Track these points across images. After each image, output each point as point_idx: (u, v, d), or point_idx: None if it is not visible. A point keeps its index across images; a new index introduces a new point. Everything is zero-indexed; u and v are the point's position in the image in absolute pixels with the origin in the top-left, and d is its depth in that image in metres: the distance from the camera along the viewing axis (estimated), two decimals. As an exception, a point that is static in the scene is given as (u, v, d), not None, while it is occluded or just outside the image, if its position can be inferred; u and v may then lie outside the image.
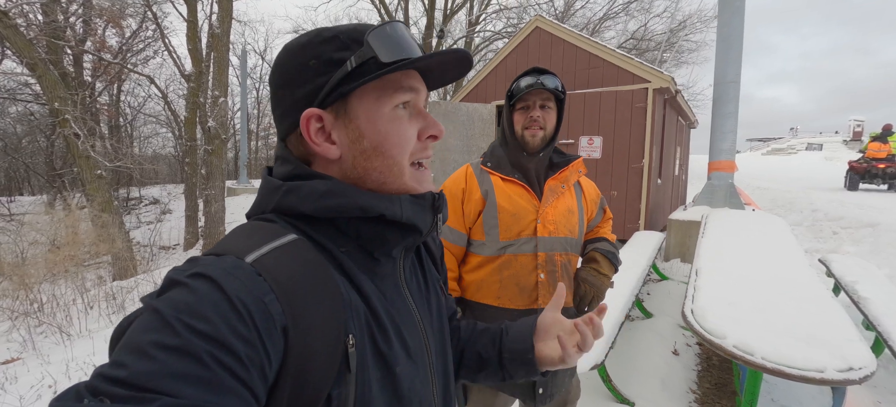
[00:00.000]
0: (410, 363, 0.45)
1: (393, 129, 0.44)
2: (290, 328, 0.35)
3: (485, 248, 1.08)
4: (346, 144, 0.44)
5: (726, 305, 1.70)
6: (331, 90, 0.42)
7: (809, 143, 31.95)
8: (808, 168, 19.05)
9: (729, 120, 4.75)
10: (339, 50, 0.42)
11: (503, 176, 1.09)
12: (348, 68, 0.42)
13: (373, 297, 0.43)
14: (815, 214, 6.61)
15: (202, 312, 0.31)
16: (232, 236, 0.39)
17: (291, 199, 0.42)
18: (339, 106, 0.43)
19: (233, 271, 0.34)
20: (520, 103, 1.08)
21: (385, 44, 0.42)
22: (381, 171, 0.45)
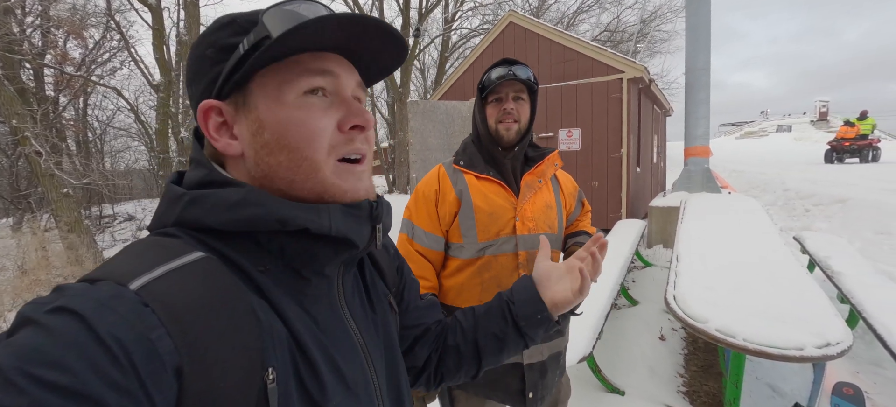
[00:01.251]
0: (349, 396, 0.40)
1: (297, 117, 0.38)
2: (185, 369, 0.29)
3: (463, 250, 1.03)
4: (247, 138, 0.39)
5: (707, 289, 1.72)
6: (226, 78, 0.38)
7: (780, 125, 33.28)
8: (780, 149, 19.78)
9: (701, 106, 4.86)
10: (234, 34, 0.38)
11: (477, 174, 1.04)
12: (241, 51, 0.37)
13: (298, 324, 0.37)
14: (787, 193, 6.84)
15: (58, 359, 0.24)
16: (119, 256, 0.33)
17: (195, 210, 0.36)
18: (237, 96, 0.39)
19: (108, 302, 0.28)
20: (492, 96, 1.04)
21: (284, 21, 0.36)
22: (287, 167, 0.38)
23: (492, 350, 0.59)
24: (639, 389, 2.12)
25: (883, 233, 4.55)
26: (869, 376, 2.21)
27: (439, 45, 15.22)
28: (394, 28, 0.40)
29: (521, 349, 0.60)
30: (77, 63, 12.39)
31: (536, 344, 0.61)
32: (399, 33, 0.41)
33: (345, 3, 13.56)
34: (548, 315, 0.57)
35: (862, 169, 9.53)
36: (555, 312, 0.57)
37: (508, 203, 1.03)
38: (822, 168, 10.37)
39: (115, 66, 13.55)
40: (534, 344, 0.60)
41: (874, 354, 2.36)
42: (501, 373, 1.02)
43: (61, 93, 12.60)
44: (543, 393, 1.07)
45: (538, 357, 1.04)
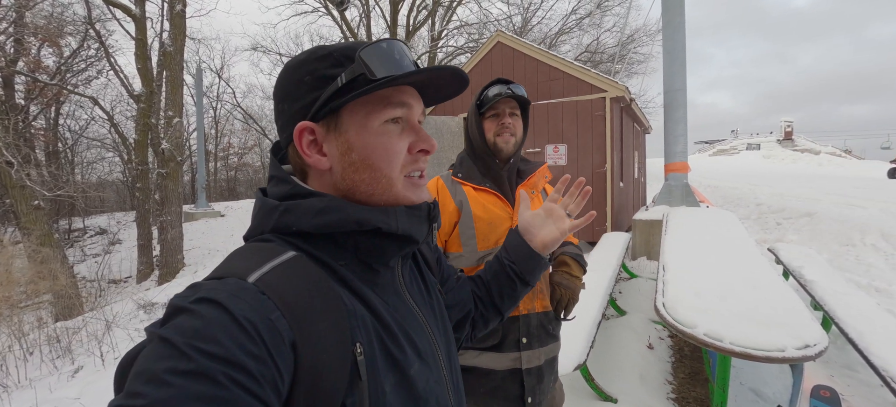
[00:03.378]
0: (423, 365, 0.47)
1: (380, 142, 0.46)
2: (298, 343, 0.35)
3: (462, 259, 1.06)
4: (336, 156, 0.46)
5: (694, 296, 1.80)
6: (322, 105, 0.44)
7: (749, 144, 34.91)
8: (750, 166, 20.77)
9: (679, 125, 5.10)
10: (331, 66, 0.45)
11: (475, 185, 1.09)
12: (339, 84, 0.44)
13: (377, 304, 0.45)
14: (760, 207, 7.19)
15: (212, 335, 0.31)
16: (231, 259, 0.40)
17: (289, 218, 0.43)
18: (330, 120, 0.45)
19: (237, 293, 0.35)
20: (490, 112, 1.10)
21: (377, 60, 0.44)
22: (369, 183, 0.46)
23: (508, 305, 0.72)
24: (630, 396, 2.18)
25: (847, 245, 4.83)
26: (843, 379, 2.34)
27: (426, 62, 15.47)
28: (461, 71, 0.48)
29: (526, 291, 0.71)
30: (51, 71, 11.99)
31: (532, 284, 0.71)
32: (464, 74, 0.49)
33: (332, 19, 13.70)
34: (544, 261, 0.69)
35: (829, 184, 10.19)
36: (547, 253, 0.69)
37: (505, 213, 1.09)
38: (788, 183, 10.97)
39: (92, 76, 13.17)
40: (532, 285, 0.71)
41: (847, 358, 2.50)
42: (501, 380, 1.05)
43: (33, 101, 12.14)
44: (541, 398, 1.10)
45: (536, 362, 1.08)
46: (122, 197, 19.48)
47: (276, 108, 0.48)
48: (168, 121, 8.23)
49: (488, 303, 0.71)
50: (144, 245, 9.82)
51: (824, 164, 19.72)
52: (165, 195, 8.51)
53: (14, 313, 5.61)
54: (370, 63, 0.43)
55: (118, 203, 19.18)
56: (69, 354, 3.93)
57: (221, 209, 15.00)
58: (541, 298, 1.11)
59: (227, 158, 27.40)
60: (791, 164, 21.62)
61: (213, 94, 22.32)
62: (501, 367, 1.05)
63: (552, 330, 1.15)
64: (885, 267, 4.27)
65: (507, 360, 1.05)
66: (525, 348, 1.06)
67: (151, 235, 9.95)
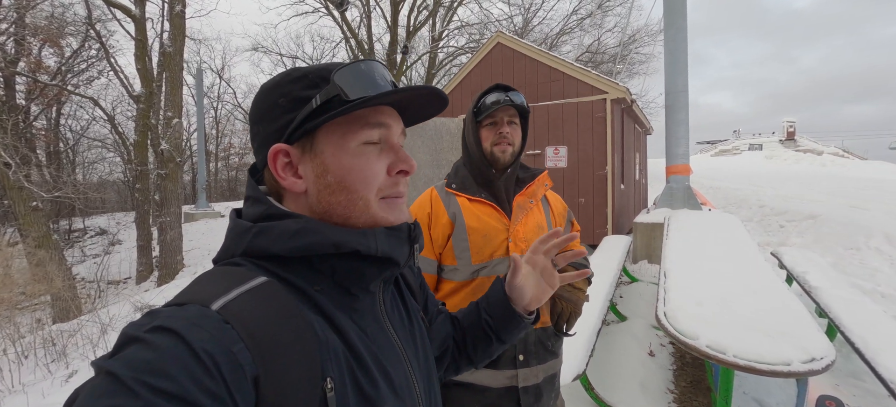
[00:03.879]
0: (397, 400, 0.44)
1: (357, 164, 0.45)
2: (261, 377, 0.33)
3: (457, 273, 1.02)
4: (312, 179, 0.44)
5: (696, 304, 1.76)
6: (297, 126, 0.43)
7: (751, 144, 34.75)
8: (752, 166, 20.68)
9: (681, 126, 5.05)
10: (306, 88, 0.43)
11: (470, 196, 1.05)
12: (313, 105, 0.43)
13: (352, 335, 0.42)
14: (763, 209, 7.13)
15: (164, 369, 0.29)
16: (195, 284, 0.38)
17: (263, 240, 0.41)
18: (305, 142, 0.44)
19: (197, 321, 0.32)
20: (487, 120, 1.05)
21: (353, 81, 0.43)
22: (345, 205, 0.45)
23: (481, 358, 0.69)
24: (631, 405, 2.13)
25: (852, 248, 4.77)
26: (848, 389, 2.28)
27: (426, 63, 15.43)
28: (439, 91, 0.48)
29: (504, 349, 0.67)
30: (52, 72, 11.99)
31: (510, 342, 0.67)
32: (444, 94, 0.48)
33: (333, 19, 13.68)
34: (525, 322, 0.66)
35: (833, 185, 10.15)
36: (532, 310, 0.66)
37: (501, 224, 1.04)
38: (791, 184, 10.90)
39: (93, 76, 13.18)
40: (508, 343, 0.67)
41: (852, 367, 2.44)
42: (496, 397, 1.01)
43: (33, 101, 12.15)
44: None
45: (533, 380, 1.04)
46: (122, 197, 19.50)
47: (252, 130, 0.47)
48: (167, 121, 8.21)
49: (462, 350, 0.68)
50: (144, 246, 9.81)
51: (827, 165, 19.63)
52: (165, 196, 8.48)
53: (11, 315, 5.59)
54: (344, 85, 0.43)
55: (119, 203, 19.20)
56: (64, 357, 3.89)
57: (222, 210, 15.00)
58: (540, 313, 1.06)
59: (228, 159, 27.44)
60: (794, 164, 21.52)
61: (213, 95, 22.37)
62: (497, 384, 1.01)
63: (551, 347, 1.10)
64: (890, 272, 4.21)
65: (503, 377, 1.01)
66: (522, 366, 1.02)
67: (151, 235, 9.94)
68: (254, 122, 0.46)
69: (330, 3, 12.69)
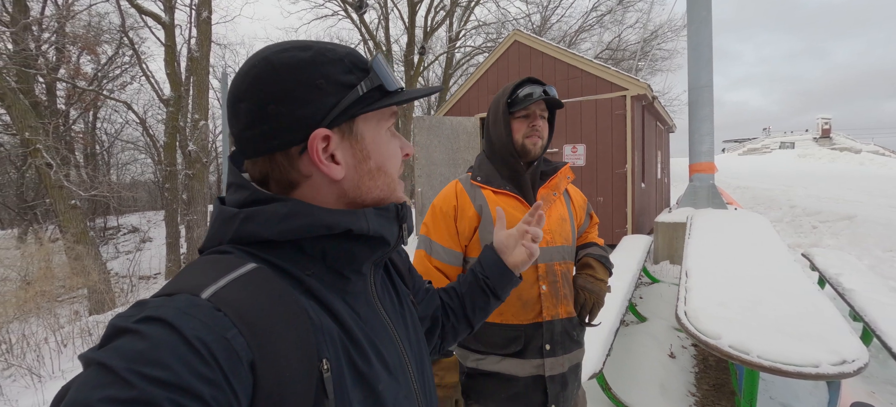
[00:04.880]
0: (392, 379, 0.45)
1: (390, 149, 0.48)
2: (257, 363, 0.33)
3: None
4: (352, 165, 0.45)
5: (718, 305, 1.70)
6: (342, 112, 0.42)
7: (782, 142, 33.20)
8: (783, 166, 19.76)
9: (705, 123, 4.89)
10: (346, 73, 0.43)
11: (495, 189, 1.05)
12: (360, 93, 0.43)
13: (346, 317, 0.43)
14: (794, 209, 6.81)
15: (158, 358, 0.28)
16: (184, 273, 0.37)
17: (251, 226, 0.40)
18: (345, 128, 0.44)
19: (188, 310, 0.32)
20: (521, 112, 1.05)
21: (385, 73, 0.45)
22: (382, 187, 0.47)
23: (479, 318, 0.74)
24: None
25: (892, 250, 4.50)
26: (885, 396, 2.16)
27: (443, 63, 15.48)
28: (439, 88, 0.54)
29: (495, 304, 0.74)
30: (89, 78, 12.66)
31: (502, 298, 0.74)
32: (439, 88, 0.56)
33: (352, 22, 13.89)
34: (516, 278, 0.73)
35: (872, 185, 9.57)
36: (518, 272, 0.73)
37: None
38: (826, 184, 10.36)
39: (126, 81, 13.84)
40: (502, 299, 0.74)
41: (890, 374, 2.31)
42: (524, 387, 1.02)
43: (72, 106, 12.86)
44: (564, 405, 1.07)
45: (559, 369, 1.04)
46: (153, 197, 20.37)
47: (259, 110, 0.41)
48: (194, 124, 8.54)
49: (461, 315, 0.72)
50: (172, 243, 10.22)
51: (866, 163, 18.54)
52: (192, 195, 8.83)
53: (52, 307, 5.94)
54: (383, 75, 0.45)
55: (150, 202, 20.09)
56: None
57: (245, 209, 15.46)
58: (565, 304, 1.06)
59: (251, 160, 28.16)
60: (829, 163, 20.41)
61: (237, 98, 22.94)
62: (524, 373, 1.02)
63: (576, 336, 1.11)
64: (934, 275, 3.95)
65: (529, 366, 1.02)
66: (548, 355, 1.02)
67: (179, 233, 10.34)
68: (269, 100, 0.41)
69: (349, 7, 12.90)
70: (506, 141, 1.05)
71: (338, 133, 0.43)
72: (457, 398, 0.98)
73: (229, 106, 0.43)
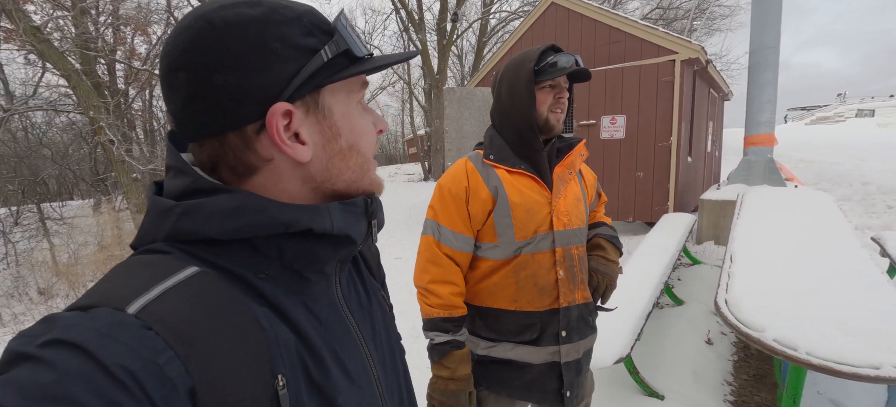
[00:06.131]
0: (354, 388, 0.41)
1: (362, 125, 0.42)
2: (198, 390, 0.28)
3: (498, 250, 0.98)
4: (320, 144, 0.39)
5: (765, 293, 1.57)
6: (304, 83, 0.36)
7: (859, 110, 29.51)
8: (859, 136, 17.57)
9: (767, 89, 4.39)
10: (306, 34, 0.37)
11: (509, 168, 0.97)
12: (324, 59, 0.37)
13: (304, 324, 0.38)
14: (867, 187, 6.08)
15: (67, 393, 0.22)
16: (108, 279, 0.31)
17: (190, 222, 0.33)
18: (310, 100, 0.38)
19: (109, 331, 0.26)
20: (548, 82, 0.96)
21: (351, 36, 0.39)
22: (355, 169, 0.42)
23: None
24: (680, 394, 2.00)
25: None
26: (961, 400, 1.93)
27: (477, 30, 14.91)
28: (414, 53, 0.46)
29: None
30: (143, 58, 13.51)
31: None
32: (414, 55, 0.46)
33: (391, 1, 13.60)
34: None
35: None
36: None
37: (543, 198, 0.98)
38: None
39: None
40: None
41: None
42: (539, 374, 1.00)
43: (130, 85, 13.84)
44: (578, 391, 1.05)
45: (575, 355, 1.01)
46: (204, 169, 21.82)
47: (199, 81, 0.34)
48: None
49: None
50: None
51: (965, 133, 16.04)
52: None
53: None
54: (350, 38, 0.38)
55: (202, 175, 21.57)
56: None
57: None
58: (581, 290, 1.02)
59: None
60: None
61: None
62: (539, 360, 0.99)
63: (592, 321, 1.07)
64: None
65: (544, 353, 0.99)
66: (564, 342, 0.99)
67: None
68: (212, 67, 0.33)
69: (380, -25, 12.59)
70: (528, 114, 0.96)
71: (301, 107, 0.37)
72: (470, 390, 0.96)
73: (163, 78, 0.35)
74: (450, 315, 0.95)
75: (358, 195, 0.43)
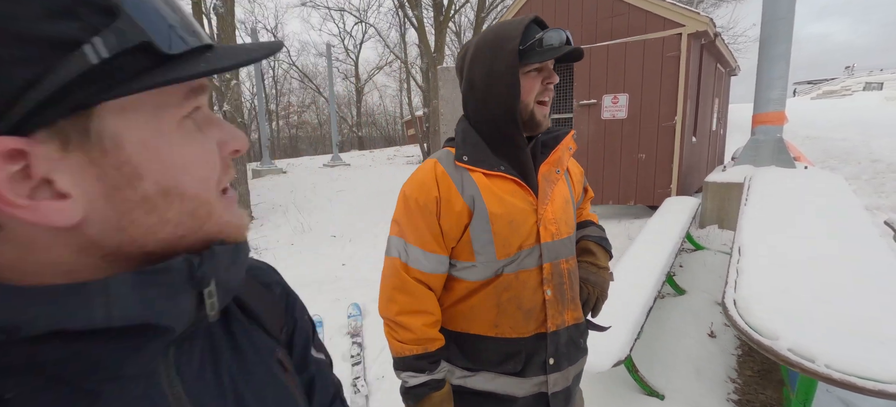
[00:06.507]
0: None
1: (191, 154, 0.28)
2: None
3: (475, 271, 0.82)
4: (99, 194, 0.24)
5: (778, 293, 1.43)
6: (50, 101, 0.21)
7: (867, 82, 28.88)
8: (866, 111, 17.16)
9: (778, 64, 4.15)
10: (51, 16, 0.21)
11: (486, 171, 0.80)
12: (91, 60, 0.22)
13: None
14: (876, 164, 5.90)
15: None
16: None
17: None
18: (69, 127, 0.23)
19: None
20: (534, 65, 0.78)
21: (154, 16, 0.24)
22: (179, 222, 0.27)
23: None
24: (681, 393, 1.90)
25: None
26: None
27: (475, 5, 14.38)
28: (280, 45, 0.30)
29: None
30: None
31: None
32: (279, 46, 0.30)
33: (377, -36, 12.98)
34: None
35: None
36: None
37: (528, 205, 0.81)
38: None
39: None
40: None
41: None
42: (523, 406, 0.88)
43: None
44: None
45: (563, 384, 0.88)
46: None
47: None
48: (226, 83, 8.62)
49: None
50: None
51: (977, 106, 15.64)
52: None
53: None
54: (152, 19, 0.24)
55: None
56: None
57: (284, 166, 16.06)
58: (571, 309, 0.87)
59: (289, 117, 28.91)
60: None
61: (270, 54, 23.14)
62: (524, 392, 0.86)
63: (582, 343, 0.93)
64: None
65: (530, 385, 0.85)
66: (553, 370, 0.85)
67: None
68: None
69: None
70: (511, 105, 0.78)
71: (51, 140, 0.22)
72: None
73: None
74: (425, 351, 0.81)
75: (199, 249, 0.28)
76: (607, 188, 4.82)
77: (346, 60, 22.31)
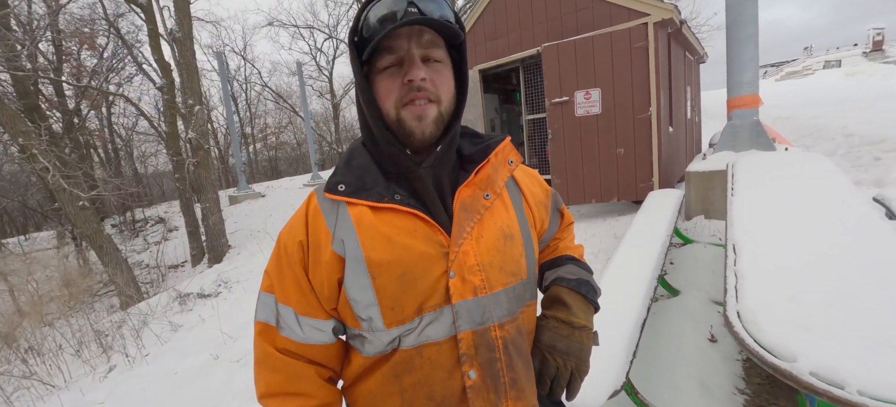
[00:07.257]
0: None
1: None
2: None
3: (366, 343, 0.61)
4: None
5: (787, 298, 1.24)
6: None
7: (826, 62, 30.26)
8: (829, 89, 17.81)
9: (747, 46, 4.10)
10: None
11: (373, 203, 0.58)
12: None
13: None
14: (850, 139, 5.95)
15: None
16: None
17: None
18: None
19: None
20: (382, 57, 0.58)
21: None
22: None
23: None
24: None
25: (982, 179, 3.76)
26: None
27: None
28: None
29: None
30: (90, 73, 12.55)
31: None
32: None
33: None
34: None
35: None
36: None
37: (433, 247, 0.58)
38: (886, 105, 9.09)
39: (132, 73, 13.68)
40: None
41: None
42: None
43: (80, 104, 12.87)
44: None
45: None
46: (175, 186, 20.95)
47: None
48: (189, 109, 8.25)
49: None
50: (192, 231, 10.37)
51: (929, 76, 16.41)
52: (200, 183, 8.74)
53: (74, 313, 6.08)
54: None
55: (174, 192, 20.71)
56: (107, 351, 4.09)
57: (263, 190, 15.64)
58: (514, 399, 0.59)
59: (266, 139, 28.28)
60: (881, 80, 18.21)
61: (241, 78, 22.69)
62: None
63: None
64: None
65: None
66: None
67: (197, 221, 10.44)
68: None
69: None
70: (372, 115, 0.60)
71: None
72: None
73: None
74: None
75: None
76: (588, 187, 4.67)
77: (319, 78, 21.98)
